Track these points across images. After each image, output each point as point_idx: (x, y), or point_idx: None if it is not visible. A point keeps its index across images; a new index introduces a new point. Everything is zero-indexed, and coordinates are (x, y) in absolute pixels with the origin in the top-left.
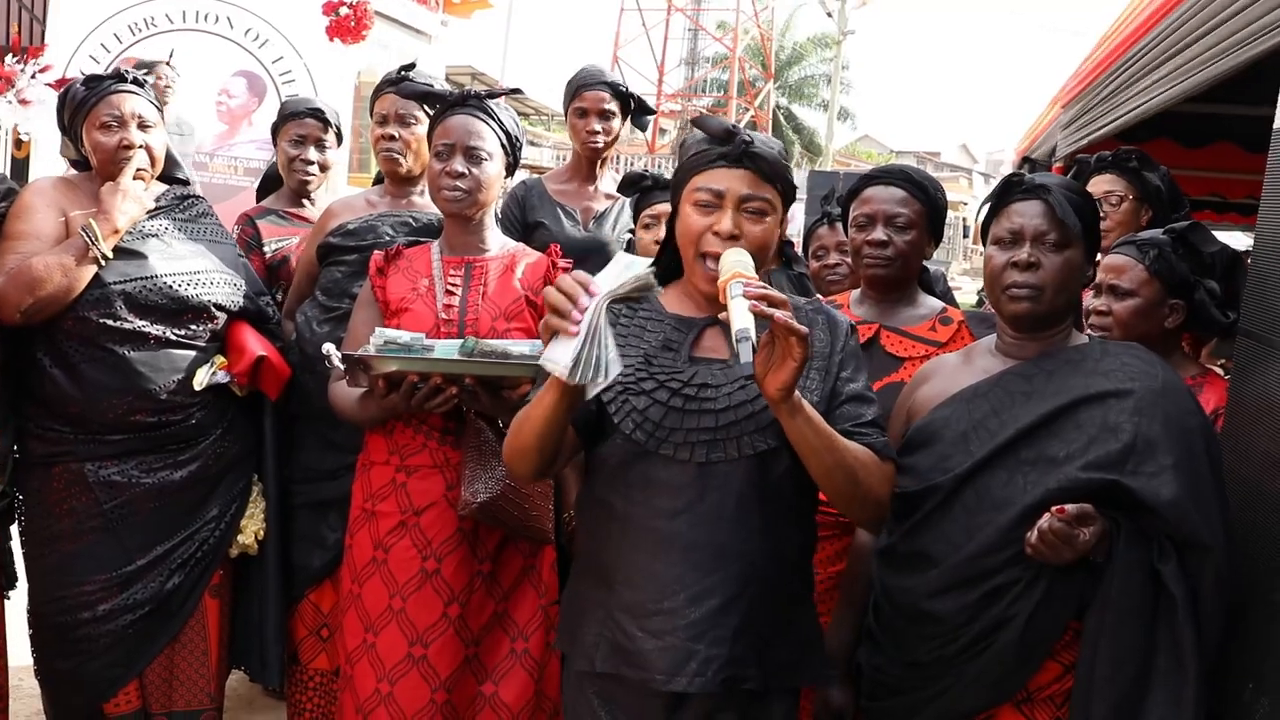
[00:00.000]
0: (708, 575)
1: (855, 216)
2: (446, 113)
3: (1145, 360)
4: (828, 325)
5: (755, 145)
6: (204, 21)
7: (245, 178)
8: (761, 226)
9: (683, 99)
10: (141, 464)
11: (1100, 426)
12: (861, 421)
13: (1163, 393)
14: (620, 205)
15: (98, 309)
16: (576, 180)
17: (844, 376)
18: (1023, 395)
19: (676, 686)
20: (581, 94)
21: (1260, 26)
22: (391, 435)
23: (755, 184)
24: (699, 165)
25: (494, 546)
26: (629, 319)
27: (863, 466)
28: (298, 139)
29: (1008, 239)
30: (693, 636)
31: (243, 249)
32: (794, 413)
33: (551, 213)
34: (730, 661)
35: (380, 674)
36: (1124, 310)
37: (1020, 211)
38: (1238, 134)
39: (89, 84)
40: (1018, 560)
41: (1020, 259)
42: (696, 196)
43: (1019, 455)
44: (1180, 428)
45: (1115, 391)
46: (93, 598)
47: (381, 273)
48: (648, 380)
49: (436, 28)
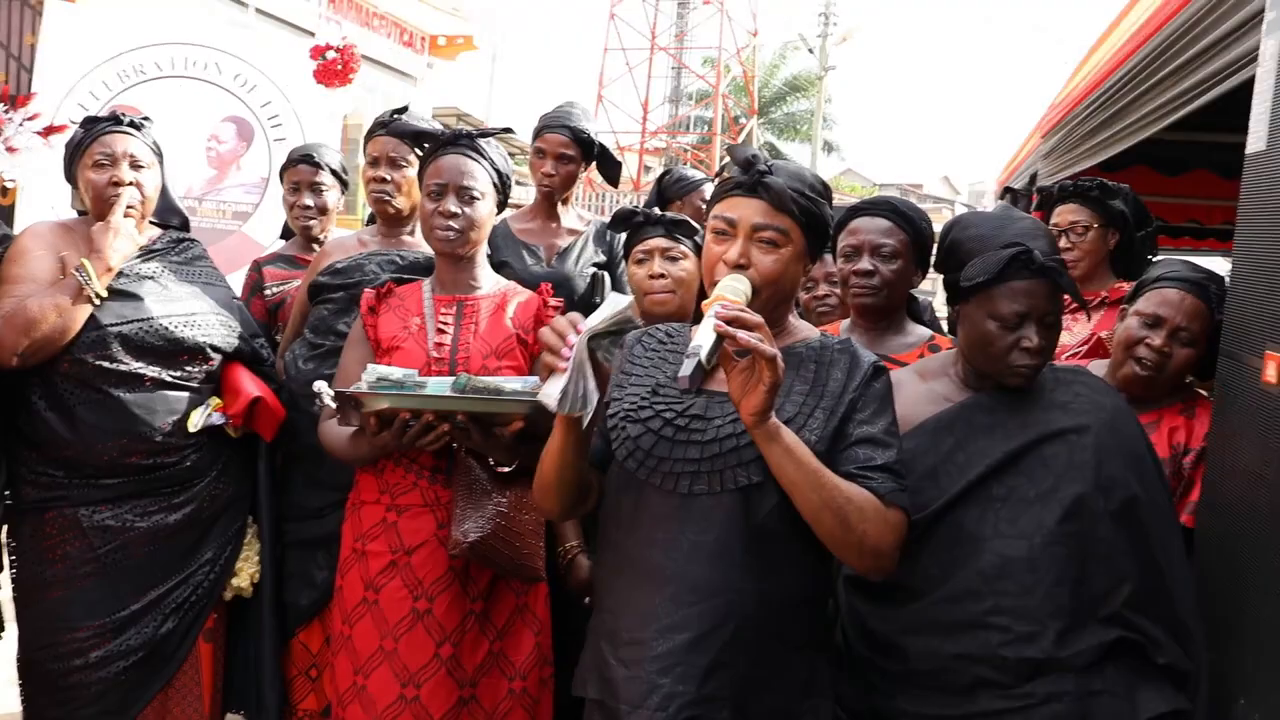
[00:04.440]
0: (681, 609)
1: (842, 247)
2: (438, 152)
3: (1096, 390)
4: (848, 366)
5: (769, 175)
6: (193, 68)
7: (234, 221)
8: (773, 257)
9: (666, 136)
10: (136, 507)
11: (1066, 465)
12: (870, 465)
13: (1113, 424)
14: (584, 240)
15: (94, 351)
16: (539, 219)
17: (858, 418)
18: (985, 428)
19: (638, 719)
20: (543, 135)
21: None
22: (382, 474)
23: (768, 213)
24: (720, 194)
25: (486, 585)
26: (655, 351)
27: (858, 510)
28: (294, 186)
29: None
30: (659, 670)
31: (248, 292)
32: (770, 440)
33: (515, 252)
34: (697, 701)
35: (372, 716)
36: (1184, 357)
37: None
38: (1214, 161)
39: (86, 126)
40: (992, 624)
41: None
42: (714, 225)
43: (990, 492)
44: (1132, 452)
45: (1075, 428)
46: (85, 644)
47: (373, 311)
48: (646, 409)
49: (422, 70)
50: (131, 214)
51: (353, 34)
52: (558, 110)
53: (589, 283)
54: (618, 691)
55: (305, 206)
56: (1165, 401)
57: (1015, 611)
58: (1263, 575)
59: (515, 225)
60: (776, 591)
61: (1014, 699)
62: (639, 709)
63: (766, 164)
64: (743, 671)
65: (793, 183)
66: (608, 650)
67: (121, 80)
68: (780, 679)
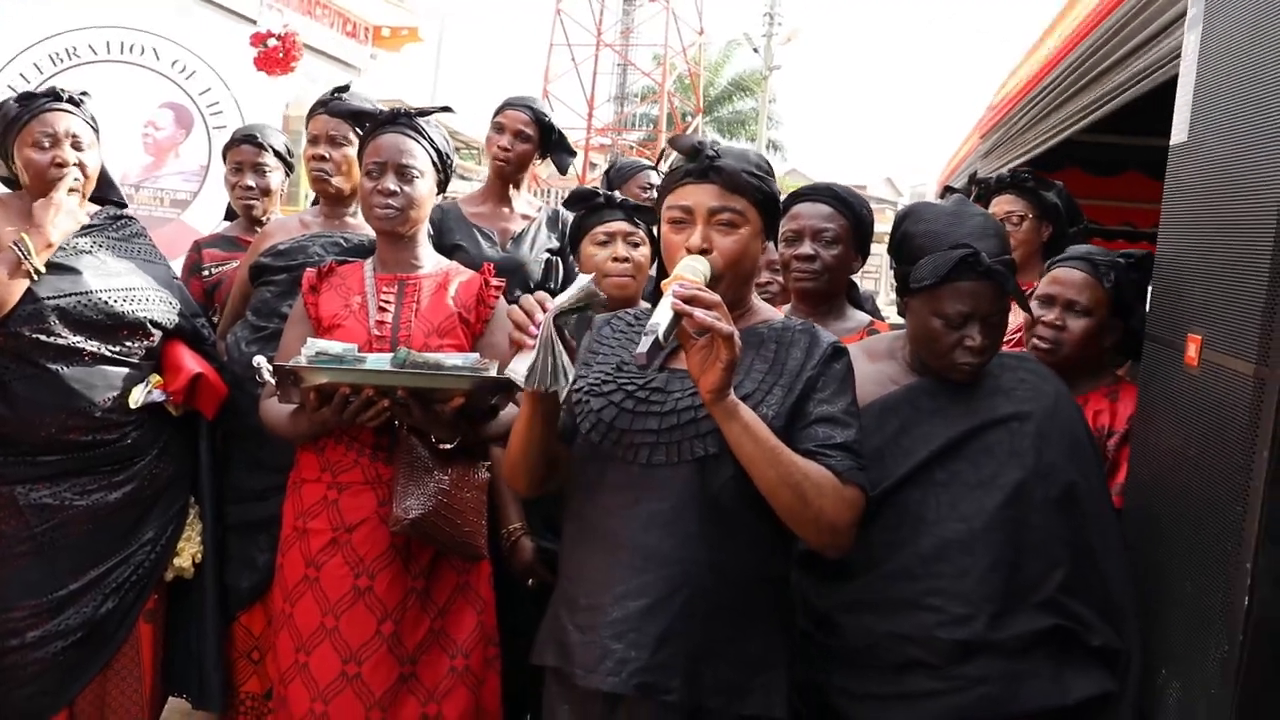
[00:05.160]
0: (635, 576)
1: (784, 232)
2: (377, 131)
3: (1039, 375)
4: (807, 345)
5: (720, 159)
6: (129, 53)
7: (171, 209)
8: (733, 238)
9: (612, 133)
10: (75, 485)
11: (1008, 452)
12: (828, 443)
13: (1054, 411)
14: (537, 225)
15: (31, 324)
16: (491, 202)
17: (818, 397)
18: (930, 412)
19: (591, 683)
20: (504, 111)
21: (1157, 59)
22: (323, 452)
23: (723, 196)
24: (671, 184)
25: (427, 563)
26: (623, 333)
27: (814, 486)
28: (236, 166)
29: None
30: (612, 635)
31: (187, 273)
32: (729, 416)
33: (469, 235)
34: (649, 668)
35: (314, 693)
36: (1080, 328)
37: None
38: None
39: (22, 101)
40: (927, 605)
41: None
42: (670, 215)
43: (933, 476)
44: (1072, 437)
45: (1017, 415)
46: (21, 624)
47: (314, 290)
48: (609, 383)
49: (365, 61)
50: (74, 193)
51: (295, 22)
52: (518, 94)
53: (543, 268)
54: (573, 656)
55: (248, 187)
56: (1089, 385)
57: (949, 593)
58: (1185, 551)
59: (467, 208)
60: (731, 563)
61: (944, 679)
62: (592, 673)
63: (713, 148)
64: (695, 641)
65: (741, 163)
66: (565, 617)
67: (54, 63)
68: (734, 651)
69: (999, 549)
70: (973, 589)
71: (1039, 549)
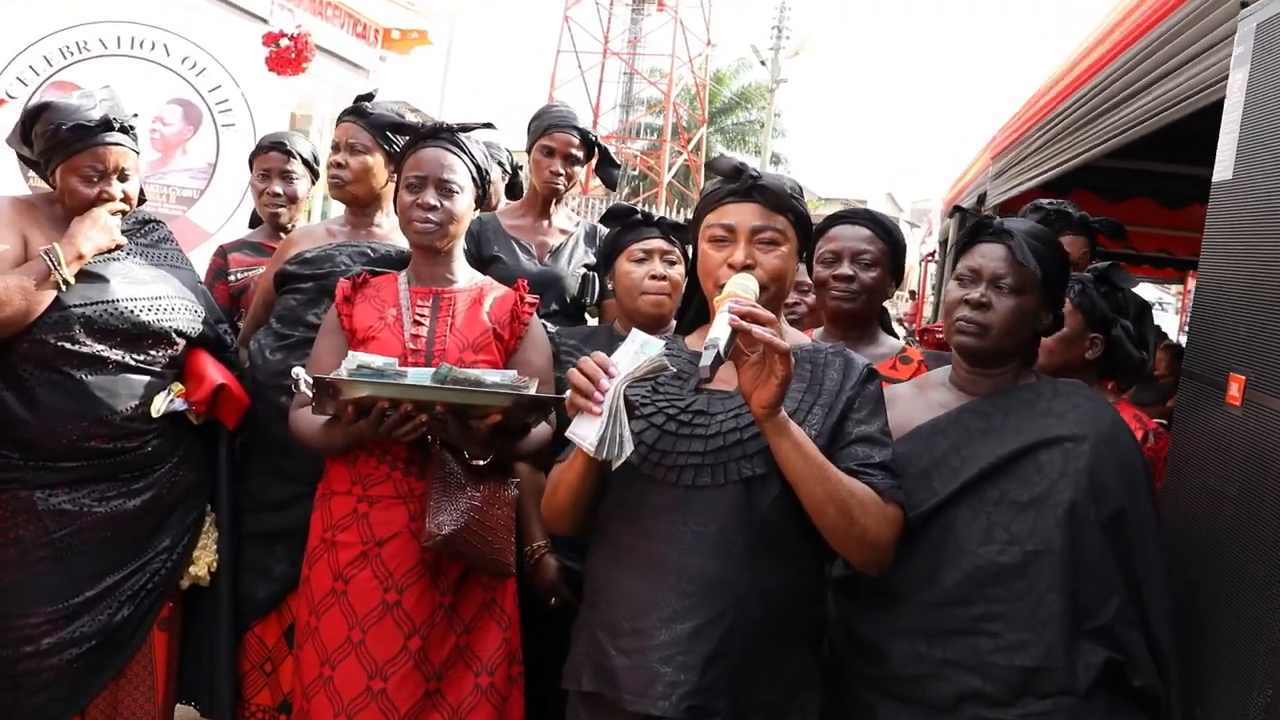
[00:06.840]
0: (683, 599)
1: (822, 253)
2: (419, 145)
3: (1093, 401)
4: (843, 367)
5: (763, 179)
6: (139, 48)
7: (177, 206)
8: (775, 255)
9: (617, 141)
10: (94, 492)
11: (1060, 472)
12: (868, 462)
13: (1111, 436)
14: (575, 240)
15: (56, 332)
16: (531, 215)
17: (855, 418)
18: (980, 433)
19: (641, 708)
20: (552, 133)
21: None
22: (354, 465)
23: (765, 215)
24: (711, 203)
25: (456, 578)
26: None
27: (859, 504)
28: (264, 173)
29: (967, 276)
30: (661, 659)
31: (212, 278)
32: (780, 433)
33: (507, 247)
34: (698, 690)
35: (338, 708)
36: (1052, 341)
37: (983, 253)
38: (1154, 190)
39: (76, 131)
40: (983, 630)
41: (973, 297)
42: (711, 233)
43: (983, 495)
44: (1127, 464)
45: (1071, 436)
46: (37, 630)
47: (348, 300)
48: (649, 405)
49: (375, 63)
50: (115, 214)
51: (306, 23)
52: (559, 110)
53: (580, 283)
54: (618, 681)
55: (275, 194)
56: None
57: (1006, 617)
58: (1226, 593)
59: (506, 221)
60: (775, 585)
61: (1003, 713)
62: (642, 698)
63: (755, 170)
64: (738, 663)
65: (782, 184)
66: (606, 641)
67: (64, 55)
68: (774, 673)
69: (1055, 570)
70: (1030, 612)
71: (1094, 571)
